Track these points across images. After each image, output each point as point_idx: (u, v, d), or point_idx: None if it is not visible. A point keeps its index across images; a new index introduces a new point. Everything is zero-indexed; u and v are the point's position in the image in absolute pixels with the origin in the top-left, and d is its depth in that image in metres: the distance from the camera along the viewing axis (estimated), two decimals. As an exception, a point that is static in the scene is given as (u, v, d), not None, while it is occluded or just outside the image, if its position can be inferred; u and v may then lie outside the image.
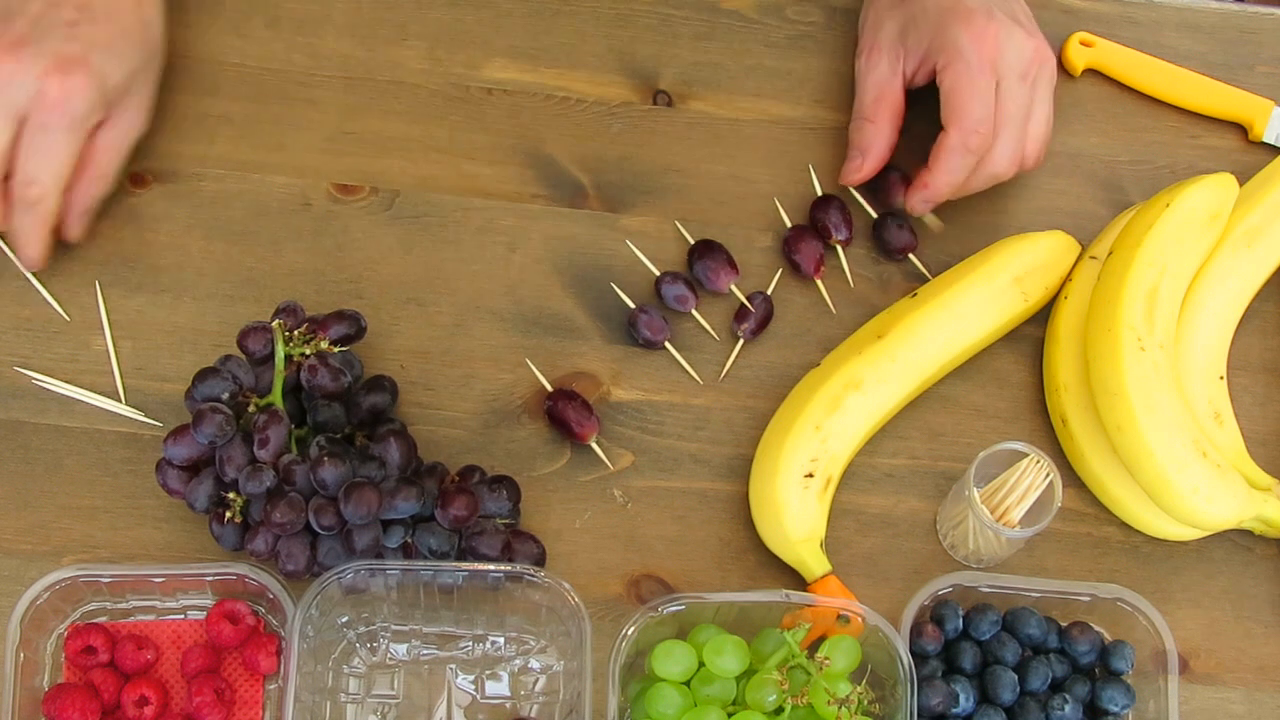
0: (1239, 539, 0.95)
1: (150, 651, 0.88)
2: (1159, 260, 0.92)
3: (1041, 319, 0.99)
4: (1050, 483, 0.89)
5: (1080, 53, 1.05)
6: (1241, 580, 0.95)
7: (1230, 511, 0.89)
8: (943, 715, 0.89)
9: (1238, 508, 0.90)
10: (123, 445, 0.93)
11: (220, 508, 0.87)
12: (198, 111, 1.00)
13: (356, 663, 0.90)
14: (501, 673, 0.90)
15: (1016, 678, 0.89)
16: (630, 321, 0.97)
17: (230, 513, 0.86)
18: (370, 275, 0.98)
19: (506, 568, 0.86)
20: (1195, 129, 1.05)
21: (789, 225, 1.00)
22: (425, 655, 0.90)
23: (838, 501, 0.94)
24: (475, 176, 1.00)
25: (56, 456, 0.93)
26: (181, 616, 0.90)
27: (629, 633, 0.85)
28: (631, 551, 0.93)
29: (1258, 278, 0.98)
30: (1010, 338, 0.98)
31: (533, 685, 0.90)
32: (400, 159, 1.00)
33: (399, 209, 0.99)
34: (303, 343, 0.87)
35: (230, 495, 0.86)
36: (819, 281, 0.99)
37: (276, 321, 0.87)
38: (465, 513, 0.87)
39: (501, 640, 0.90)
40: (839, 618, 0.87)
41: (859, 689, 0.84)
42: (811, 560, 0.91)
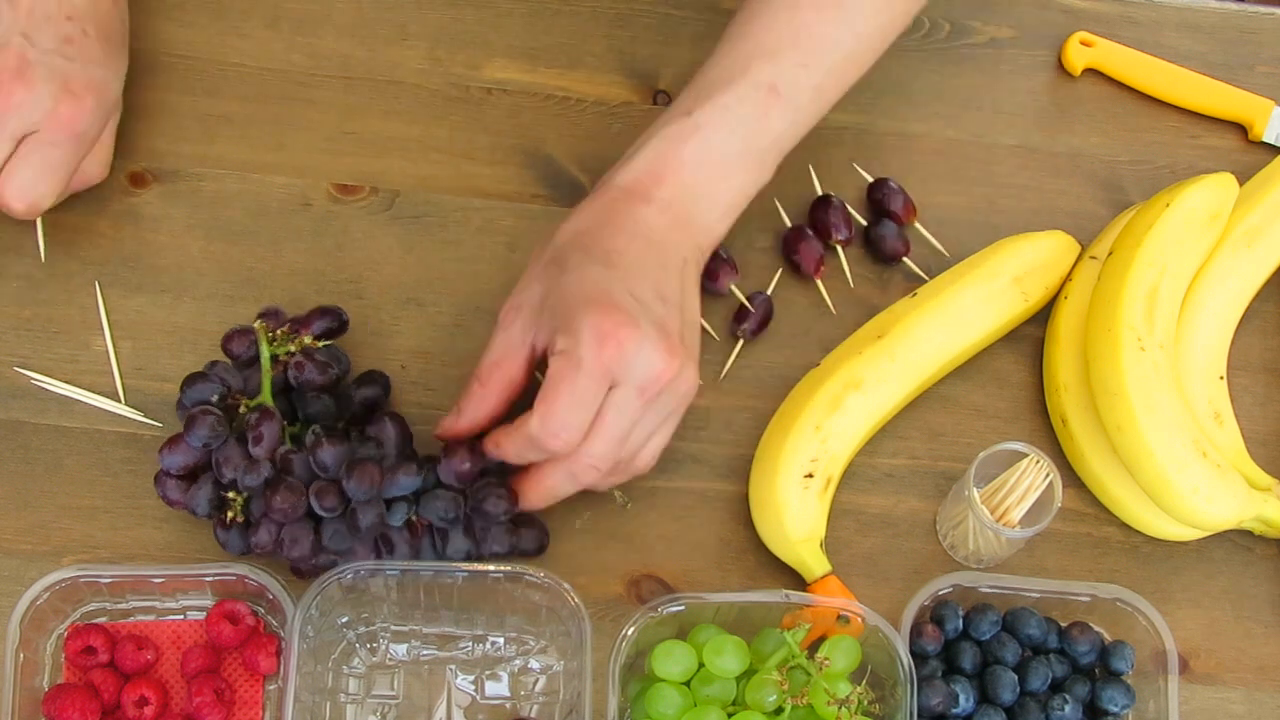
0: (1239, 539, 0.95)
1: (150, 652, 0.88)
2: (1159, 260, 0.92)
3: (1041, 319, 0.99)
4: (1050, 483, 0.89)
5: (1080, 53, 1.05)
6: (1241, 580, 0.95)
7: (1230, 511, 0.89)
8: (943, 715, 0.89)
9: (1238, 508, 0.90)
10: (123, 445, 0.93)
11: (221, 510, 0.87)
12: (198, 111, 1.00)
13: (356, 663, 0.90)
14: (501, 673, 0.90)
15: (1016, 678, 0.89)
16: (630, 321, 0.96)
17: (232, 512, 0.86)
18: (370, 275, 0.98)
19: (506, 568, 0.86)
20: (1195, 129, 1.05)
21: (789, 225, 1.00)
22: (425, 655, 0.90)
23: (838, 501, 0.94)
24: (475, 176, 1.00)
25: (56, 456, 0.93)
26: (181, 617, 0.90)
27: (629, 633, 0.85)
28: (631, 551, 0.93)
29: (1258, 278, 0.98)
30: (1010, 338, 0.98)
31: (533, 685, 0.90)
32: (400, 159, 1.00)
33: (399, 209, 0.99)
34: (286, 341, 0.87)
35: (230, 495, 0.86)
36: (819, 281, 0.99)
37: (258, 322, 0.87)
38: (467, 466, 0.86)
39: (501, 640, 0.90)
40: (839, 618, 0.87)
41: (859, 689, 0.84)
42: (811, 560, 0.91)
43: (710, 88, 0.89)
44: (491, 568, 0.86)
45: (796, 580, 0.92)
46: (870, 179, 1.01)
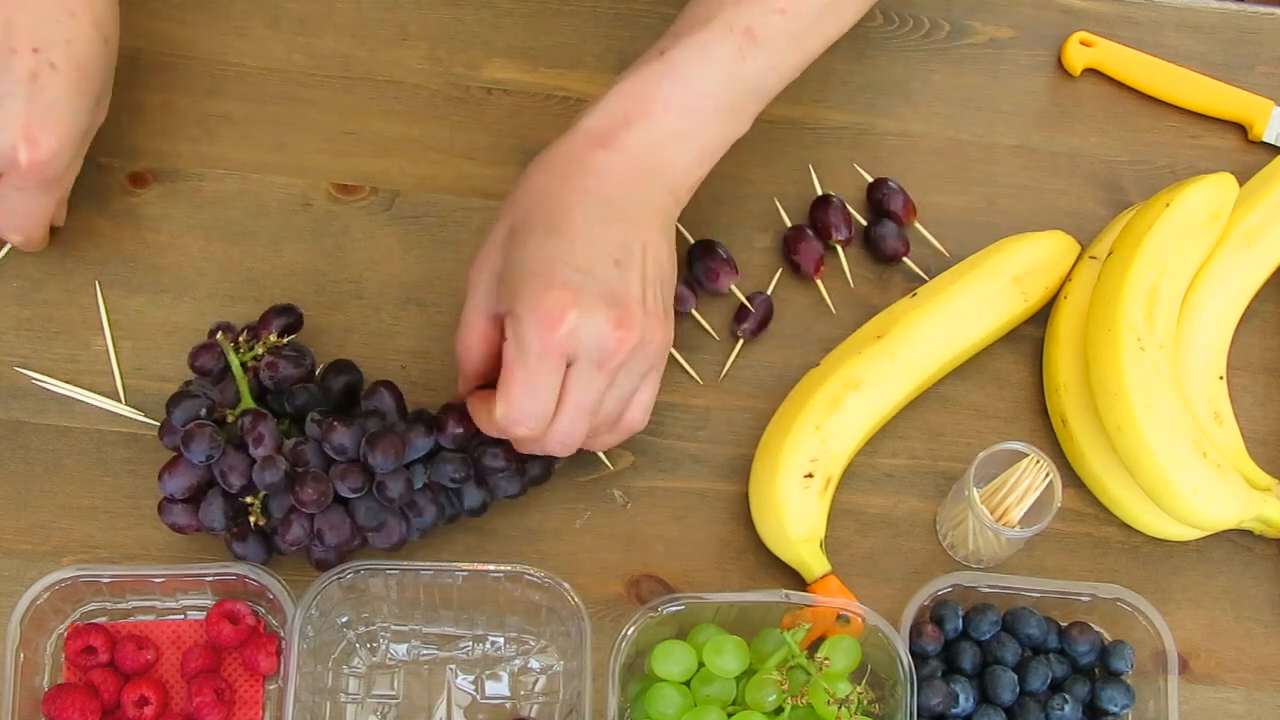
0: (1239, 539, 0.95)
1: (150, 652, 0.88)
2: (1159, 260, 0.92)
3: (1041, 319, 0.99)
4: (1050, 483, 0.89)
5: (1080, 53, 1.05)
6: (1241, 580, 0.95)
7: (1230, 511, 0.89)
8: (943, 715, 0.89)
9: (1238, 508, 0.90)
10: (123, 445, 0.93)
11: (239, 519, 0.86)
12: (198, 111, 1.00)
13: (356, 663, 0.90)
14: (501, 673, 0.90)
15: (1016, 678, 0.89)
16: (630, 321, 0.96)
17: (253, 516, 0.85)
18: (370, 275, 0.98)
19: (506, 567, 0.87)
20: (1195, 129, 1.05)
21: (789, 225, 1.00)
22: (425, 655, 0.90)
23: (838, 501, 0.94)
24: (475, 176, 1.00)
25: (56, 456, 0.93)
26: (181, 617, 0.90)
27: (629, 633, 0.85)
28: (631, 551, 0.93)
29: (1258, 278, 0.98)
30: (1010, 338, 0.98)
31: (533, 685, 0.90)
32: (400, 159, 1.00)
33: (399, 209, 0.99)
34: (250, 346, 0.87)
35: (247, 500, 0.86)
36: (819, 281, 0.99)
37: (220, 334, 0.88)
38: (461, 430, 0.87)
39: (501, 640, 0.90)
40: (839, 618, 0.87)
41: (859, 689, 0.84)
42: (811, 560, 0.91)
43: (685, 28, 0.87)
44: (491, 567, 0.86)
45: (796, 580, 0.92)
46: (870, 179, 1.01)
